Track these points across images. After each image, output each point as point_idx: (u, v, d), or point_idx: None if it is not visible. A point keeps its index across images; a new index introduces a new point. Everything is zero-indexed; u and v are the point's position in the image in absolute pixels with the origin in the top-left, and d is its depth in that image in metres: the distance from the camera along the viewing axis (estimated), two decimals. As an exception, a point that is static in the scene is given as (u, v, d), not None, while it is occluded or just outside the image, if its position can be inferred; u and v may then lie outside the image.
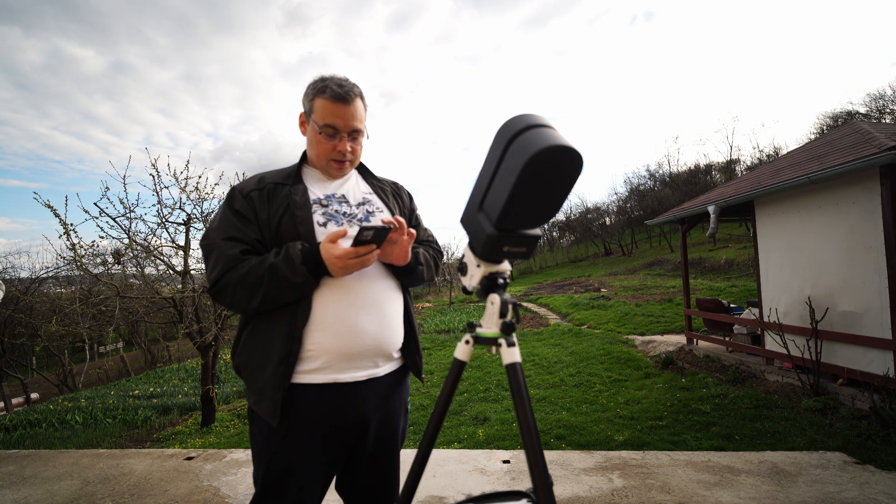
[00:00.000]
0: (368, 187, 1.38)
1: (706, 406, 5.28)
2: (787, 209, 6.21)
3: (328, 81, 1.22)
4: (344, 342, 1.14)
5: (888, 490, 2.52)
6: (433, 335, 13.14)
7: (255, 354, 1.15)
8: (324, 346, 1.13)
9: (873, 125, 6.62)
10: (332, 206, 1.25)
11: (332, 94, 1.20)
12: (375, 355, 1.20)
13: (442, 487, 2.59)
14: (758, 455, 3.05)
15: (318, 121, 1.22)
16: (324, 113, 1.21)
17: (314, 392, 1.14)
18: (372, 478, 1.27)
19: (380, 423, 1.24)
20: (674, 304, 13.34)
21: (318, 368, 1.14)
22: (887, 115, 28.13)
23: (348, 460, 1.25)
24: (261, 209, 1.19)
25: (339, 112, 1.21)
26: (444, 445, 4.60)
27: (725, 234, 27.57)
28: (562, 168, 0.81)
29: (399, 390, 1.31)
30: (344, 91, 1.21)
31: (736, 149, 45.66)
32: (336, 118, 1.21)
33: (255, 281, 1.09)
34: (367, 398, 1.19)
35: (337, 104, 1.20)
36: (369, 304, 1.19)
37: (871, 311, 4.96)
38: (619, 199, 45.20)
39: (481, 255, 0.90)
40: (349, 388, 1.16)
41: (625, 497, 2.47)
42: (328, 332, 1.14)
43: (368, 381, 1.20)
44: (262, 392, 1.12)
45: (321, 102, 1.21)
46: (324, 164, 1.28)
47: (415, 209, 1.52)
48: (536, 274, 36.97)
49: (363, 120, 1.28)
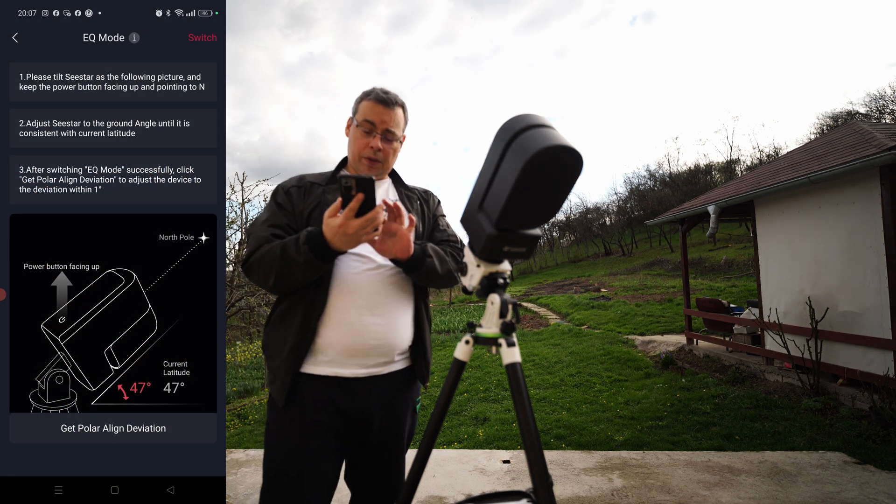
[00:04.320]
0: (397, 195, 1.44)
1: (706, 406, 5.28)
2: (787, 209, 6.21)
3: (375, 89, 1.36)
4: (349, 339, 1.20)
5: (888, 490, 2.52)
6: (433, 335, 13.15)
7: (277, 338, 1.23)
8: (331, 340, 1.20)
9: (873, 125, 6.63)
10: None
11: (376, 97, 1.33)
12: (379, 354, 1.24)
13: (442, 487, 2.59)
14: (758, 455, 3.05)
15: (358, 118, 1.34)
16: (365, 111, 1.33)
17: (317, 382, 1.20)
18: (378, 470, 1.31)
19: (385, 419, 1.27)
20: (674, 304, 13.33)
21: (323, 361, 1.20)
22: (887, 115, 28.15)
23: (356, 452, 1.30)
24: (298, 203, 1.29)
25: (378, 111, 1.32)
26: (444, 445, 4.60)
27: (725, 234, 27.59)
28: (562, 168, 0.81)
29: (407, 391, 1.33)
30: (388, 97, 1.34)
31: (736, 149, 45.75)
32: (374, 115, 1.32)
33: (271, 259, 1.15)
34: (368, 393, 1.23)
35: (378, 105, 1.33)
36: (377, 304, 1.23)
37: (871, 311, 4.96)
38: (619, 199, 45.27)
39: (481, 255, 0.90)
40: (349, 382, 1.21)
41: (625, 497, 2.47)
42: (336, 329, 1.20)
43: (370, 378, 1.23)
44: (276, 373, 1.20)
45: (366, 104, 1.34)
46: (356, 161, 1.36)
47: (439, 213, 1.54)
48: (536, 274, 36.98)
49: (400, 126, 1.38)
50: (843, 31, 67.90)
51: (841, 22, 68.43)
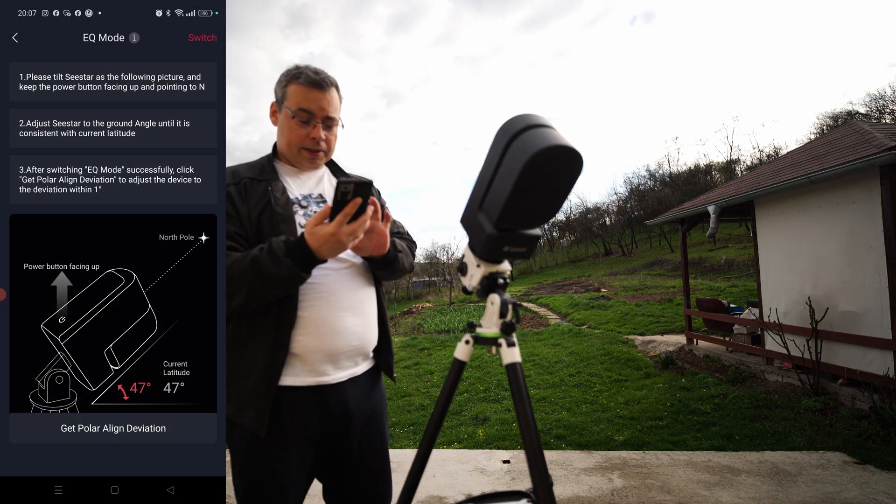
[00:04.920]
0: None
1: (706, 406, 5.28)
2: (787, 209, 6.21)
3: (303, 69, 1.20)
4: (329, 343, 1.13)
5: (888, 490, 2.52)
6: (433, 335, 13.13)
7: (241, 361, 1.10)
8: (309, 348, 1.12)
9: (873, 125, 6.63)
10: (310, 207, 1.22)
11: (307, 79, 1.18)
12: (357, 354, 1.20)
13: (442, 487, 2.59)
14: (758, 455, 3.06)
15: (291, 106, 1.18)
16: (297, 98, 1.18)
17: (300, 395, 1.12)
18: (362, 481, 1.24)
19: (364, 421, 1.22)
20: (674, 304, 13.33)
21: (303, 371, 1.13)
22: (887, 115, 28.16)
23: (334, 466, 1.21)
24: (240, 204, 1.14)
25: (313, 97, 1.18)
26: (444, 445, 4.60)
27: (725, 234, 27.59)
28: (562, 168, 0.81)
29: (378, 388, 1.30)
30: (320, 78, 1.18)
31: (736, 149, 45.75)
32: (310, 102, 1.18)
33: (238, 276, 1.02)
34: (348, 395, 1.18)
35: (312, 89, 1.18)
36: (352, 304, 1.18)
37: (871, 311, 4.96)
38: (619, 199, 45.28)
39: (481, 255, 0.90)
40: (334, 388, 1.16)
41: (625, 497, 2.47)
42: (313, 335, 1.12)
43: (350, 379, 1.19)
44: (247, 401, 1.08)
45: (295, 88, 1.18)
46: (295, 153, 1.23)
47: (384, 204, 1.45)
48: (536, 274, 36.98)
49: (338, 110, 1.24)
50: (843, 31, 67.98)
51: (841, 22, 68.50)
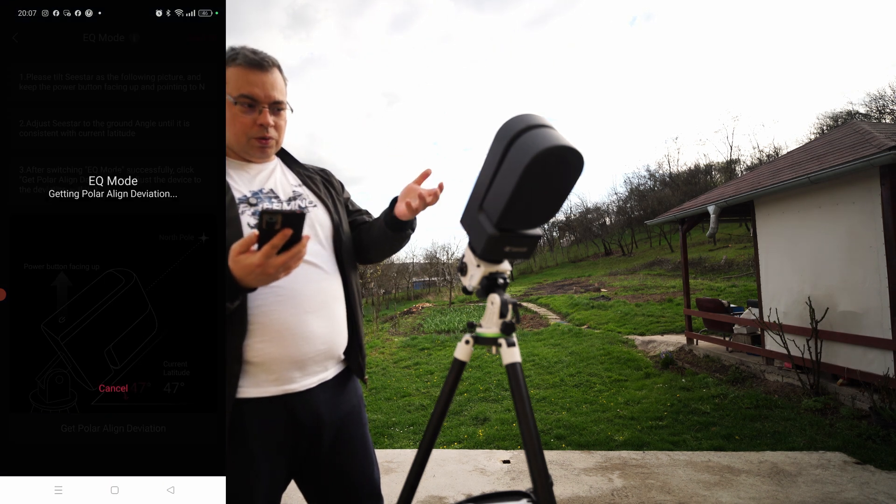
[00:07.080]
0: (296, 178, 1.23)
1: (706, 406, 5.28)
2: (786, 209, 6.21)
3: (238, 49, 1.09)
4: (294, 349, 1.03)
5: (888, 490, 2.52)
6: (433, 335, 13.14)
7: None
8: (271, 356, 1.01)
9: (873, 125, 6.63)
10: (261, 205, 1.10)
11: (245, 59, 1.07)
12: (325, 359, 1.11)
13: (442, 487, 2.59)
14: (758, 455, 3.06)
15: (231, 92, 1.05)
16: (238, 82, 1.06)
17: (264, 406, 1.02)
18: (341, 489, 1.17)
19: (337, 426, 1.14)
20: (674, 304, 13.33)
21: (266, 381, 1.02)
22: (887, 115, 28.16)
23: (311, 474, 1.15)
24: None
25: (255, 80, 1.07)
26: (444, 445, 4.60)
27: (725, 234, 27.59)
28: (563, 168, 0.81)
29: (351, 390, 1.22)
30: (259, 58, 1.08)
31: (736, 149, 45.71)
32: (253, 86, 1.06)
33: None
34: (319, 401, 1.10)
35: (253, 71, 1.07)
36: (318, 306, 1.07)
37: (871, 311, 4.96)
38: (619, 199, 45.23)
39: (482, 256, 0.90)
40: (302, 396, 1.07)
41: (625, 497, 2.47)
42: (275, 342, 1.01)
43: (319, 385, 1.11)
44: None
45: (234, 71, 1.06)
46: (243, 144, 1.11)
47: (349, 196, 1.39)
48: (536, 274, 36.98)
49: (284, 92, 1.13)
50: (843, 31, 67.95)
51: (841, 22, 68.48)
